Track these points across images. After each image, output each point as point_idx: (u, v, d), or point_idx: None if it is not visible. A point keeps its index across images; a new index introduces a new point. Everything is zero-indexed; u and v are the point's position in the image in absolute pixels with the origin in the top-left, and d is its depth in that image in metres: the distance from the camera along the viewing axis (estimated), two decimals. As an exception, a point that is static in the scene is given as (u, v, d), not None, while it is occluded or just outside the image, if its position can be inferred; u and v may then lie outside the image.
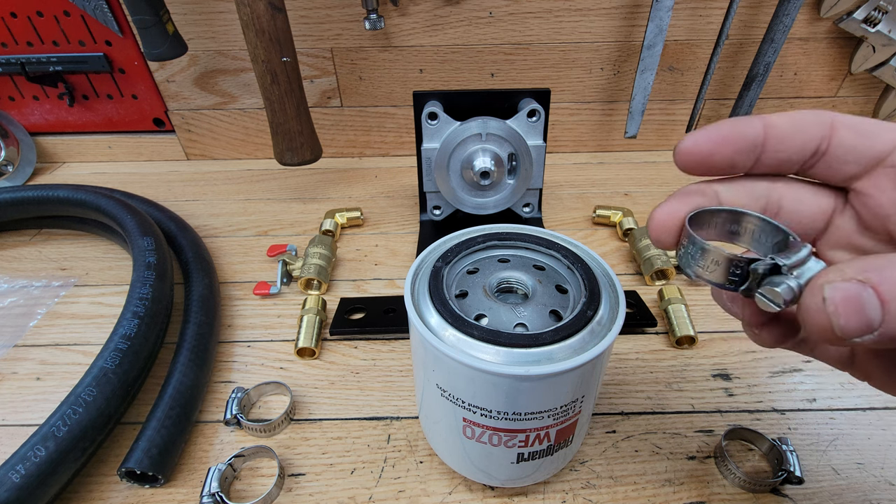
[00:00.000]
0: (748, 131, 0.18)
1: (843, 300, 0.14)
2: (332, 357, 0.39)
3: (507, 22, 0.57)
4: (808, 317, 0.15)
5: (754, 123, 0.18)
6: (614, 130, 0.66)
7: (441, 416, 0.26)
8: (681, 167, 0.19)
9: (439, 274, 0.25)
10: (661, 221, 0.19)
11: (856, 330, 0.14)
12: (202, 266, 0.44)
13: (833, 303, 0.14)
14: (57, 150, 0.69)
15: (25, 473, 0.26)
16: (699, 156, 0.19)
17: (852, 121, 0.18)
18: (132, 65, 0.61)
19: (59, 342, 0.41)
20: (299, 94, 0.51)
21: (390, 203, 0.59)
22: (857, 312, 0.13)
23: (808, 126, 0.18)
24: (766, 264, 0.16)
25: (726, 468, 0.30)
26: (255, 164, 0.68)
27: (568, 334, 0.22)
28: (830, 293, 0.14)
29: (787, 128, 0.18)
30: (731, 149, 0.19)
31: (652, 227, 0.20)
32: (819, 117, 0.18)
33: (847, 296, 0.14)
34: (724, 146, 0.19)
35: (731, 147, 0.19)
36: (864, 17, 0.54)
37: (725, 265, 0.17)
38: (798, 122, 0.18)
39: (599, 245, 0.51)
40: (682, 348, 0.39)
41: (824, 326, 0.14)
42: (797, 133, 0.18)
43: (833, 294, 0.14)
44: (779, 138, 0.18)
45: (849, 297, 0.14)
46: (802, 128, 0.18)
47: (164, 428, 0.31)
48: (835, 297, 0.14)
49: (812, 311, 0.14)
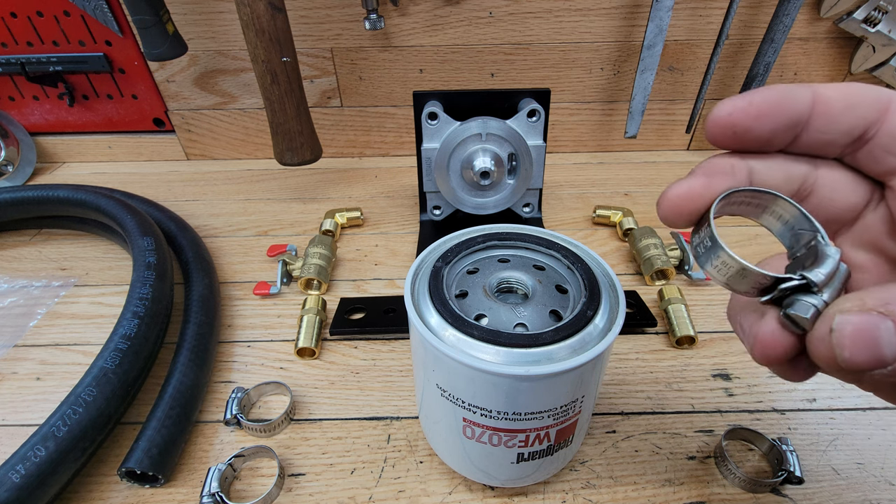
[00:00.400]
0: (795, 104, 0.16)
1: (853, 333, 0.13)
2: (332, 357, 0.39)
3: (507, 22, 0.57)
4: (812, 344, 0.14)
5: (803, 95, 0.16)
6: (614, 130, 0.66)
7: (441, 416, 0.26)
8: (711, 139, 0.17)
9: (439, 274, 0.25)
10: (677, 204, 0.17)
11: (864, 364, 0.13)
12: (202, 266, 0.44)
13: (841, 335, 0.13)
14: (57, 150, 0.69)
15: (25, 473, 0.26)
16: (735, 128, 0.16)
17: None
18: (132, 65, 0.61)
19: (59, 342, 0.41)
20: (299, 94, 0.51)
21: (390, 203, 0.59)
22: (867, 346, 0.13)
23: (863, 105, 0.16)
24: (795, 284, 0.15)
25: (726, 468, 0.30)
26: (255, 164, 0.68)
27: (568, 334, 0.22)
28: (840, 325, 0.13)
29: (838, 104, 0.16)
30: (771, 124, 0.16)
31: (664, 207, 0.17)
32: (877, 95, 0.16)
33: (858, 329, 0.13)
34: (764, 120, 0.16)
35: (771, 122, 0.16)
36: (864, 17, 0.54)
37: (752, 279, 0.16)
38: (852, 97, 0.16)
39: (599, 245, 0.51)
40: (682, 348, 0.39)
41: (826, 356, 0.13)
42: (848, 112, 0.16)
43: (843, 327, 0.13)
44: (827, 116, 0.16)
45: (861, 329, 0.13)
46: (857, 106, 0.16)
47: (164, 428, 0.31)
48: (844, 330, 0.13)
49: (816, 339, 0.14)
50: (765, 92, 0.16)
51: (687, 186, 0.17)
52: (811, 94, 0.16)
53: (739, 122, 0.16)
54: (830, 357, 0.13)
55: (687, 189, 0.17)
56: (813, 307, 0.14)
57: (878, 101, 0.16)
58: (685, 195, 0.17)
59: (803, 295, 0.15)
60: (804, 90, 0.16)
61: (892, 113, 0.15)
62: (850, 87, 0.16)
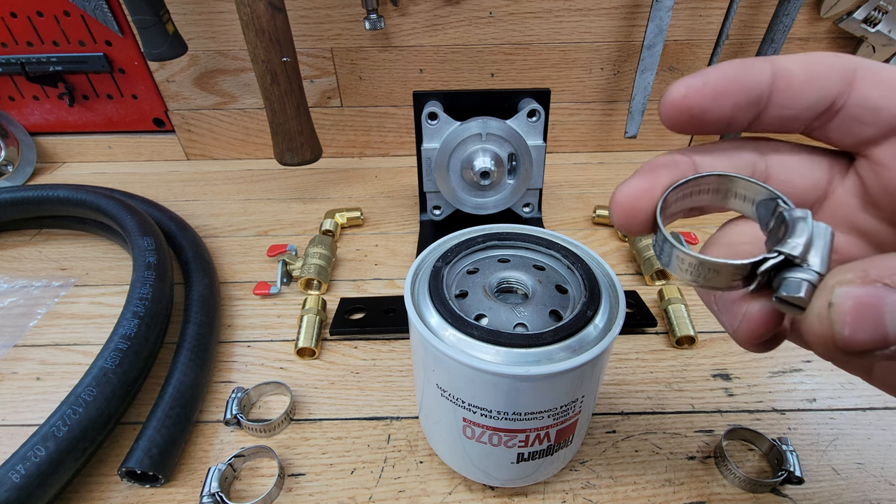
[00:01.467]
0: (754, 80, 0.15)
1: (855, 307, 0.11)
2: (332, 357, 0.39)
3: (507, 22, 0.57)
4: (807, 321, 0.12)
5: (762, 69, 0.15)
6: (614, 130, 0.66)
7: (441, 416, 0.26)
8: (667, 123, 0.16)
9: (439, 274, 0.25)
10: (627, 207, 0.16)
11: (864, 343, 0.11)
12: (202, 266, 0.44)
13: (841, 310, 0.11)
14: (57, 150, 0.69)
15: (25, 473, 0.26)
16: (691, 111, 0.15)
17: (878, 70, 0.14)
18: (132, 65, 0.61)
19: (59, 342, 0.41)
20: (299, 94, 0.51)
21: (390, 203, 0.59)
22: (871, 323, 0.11)
23: (827, 76, 0.14)
24: (774, 263, 0.14)
25: (726, 468, 0.30)
26: (255, 164, 0.68)
27: (568, 334, 0.22)
28: (840, 298, 0.11)
29: (801, 77, 0.15)
30: (730, 103, 0.15)
31: (616, 214, 0.16)
32: (842, 64, 0.14)
33: (862, 302, 0.11)
34: (723, 100, 0.15)
35: (730, 101, 0.15)
36: (864, 18, 0.54)
37: (726, 272, 0.14)
38: (815, 68, 0.15)
39: (599, 245, 0.51)
40: (682, 348, 0.39)
41: (823, 335, 0.12)
42: (812, 84, 0.15)
43: (843, 301, 0.11)
44: (789, 91, 0.15)
45: (864, 303, 0.11)
46: (820, 78, 0.14)
47: (164, 427, 0.31)
48: (844, 304, 0.11)
49: (812, 316, 0.12)
50: (721, 68, 0.15)
51: (633, 187, 0.16)
52: (770, 68, 0.15)
53: (696, 104, 0.15)
54: (828, 336, 0.12)
55: (633, 189, 0.16)
56: (804, 282, 0.13)
57: (843, 69, 0.14)
58: (632, 196, 0.16)
59: (789, 271, 0.13)
60: (763, 63, 0.15)
61: (859, 81, 0.14)
62: (812, 56, 0.15)
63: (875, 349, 0.11)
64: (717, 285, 0.15)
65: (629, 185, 0.16)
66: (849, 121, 0.15)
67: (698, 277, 0.15)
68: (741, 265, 0.14)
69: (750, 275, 0.14)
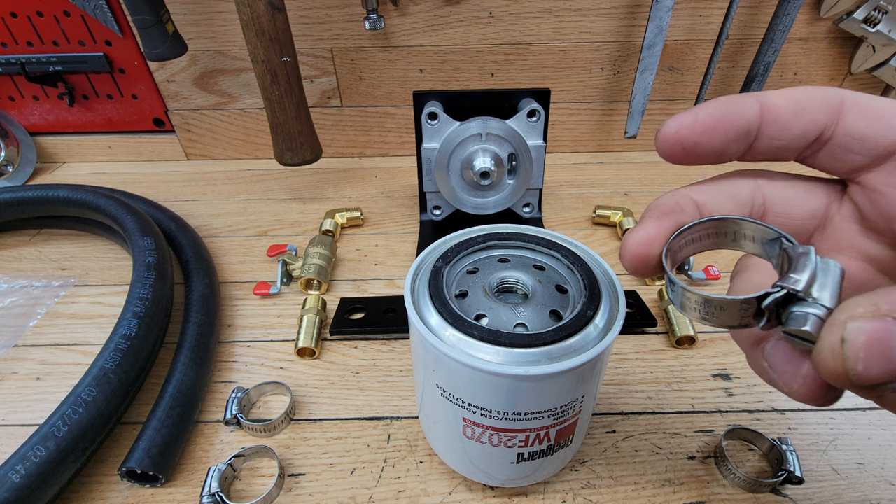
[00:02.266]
0: (742, 116, 0.16)
1: (868, 343, 0.11)
2: (332, 357, 0.39)
3: (507, 22, 0.57)
4: (820, 356, 0.12)
5: (750, 105, 0.16)
6: (614, 130, 0.66)
7: (441, 416, 0.26)
8: (663, 155, 0.17)
9: (439, 274, 0.25)
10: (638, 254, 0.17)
11: (877, 377, 0.11)
12: (202, 266, 0.44)
13: (854, 346, 0.11)
14: (57, 150, 0.69)
15: (25, 473, 0.26)
16: (683, 145, 0.16)
17: (864, 102, 0.15)
18: (132, 65, 0.61)
19: (59, 342, 0.41)
20: (299, 94, 0.51)
21: (390, 203, 0.59)
22: (883, 357, 0.11)
23: (813, 109, 0.15)
24: (776, 298, 0.14)
25: (726, 468, 0.30)
26: (255, 164, 0.68)
27: (568, 334, 0.22)
28: (852, 334, 0.11)
29: (787, 111, 0.16)
30: (720, 138, 0.16)
31: (629, 262, 0.17)
32: (826, 97, 0.15)
33: (874, 338, 0.11)
34: (712, 135, 0.16)
35: (720, 136, 0.16)
36: (864, 17, 0.54)
37: (733, 309, 0.14)
38: (801, 103, 0.16)
39: (599, 245, 0.51)
40: (682, 348, 0.39)
41: (836, 371, 0.12)
42: (799, 117, 0.16)
43: (855, 336, 0.11)
44: (777, 124, 0.16)
45: (876, 338, 0.11)
46: (806, 110, 0.15)
47: (164, 427, 0.31)
48: (857, 340, 0.11)
49: (825, 351, 0.12)
50: (709, 106, 0.16)
51: (643, 234, 0.17)
52: (758, 104, 0.16)
53: (686, 139, 0.16)
54: (841, 371, 0.12)
55: (644, 237, 0.17)
56: (810, 315, 0.13)
57: (828, 103, 0.15)
58: (644, 243, 0.17)
59: (795, 305, 0.13)
60: (750, 100, 0.16)
61: (846, 112, 0.15)
62: (798, 91, 0.16)
63: (887, 383, 0.11)
64: (727, 323, 0.15)
65: (637, 234, 0.17)
66: (838, 150, 0.16)
67: (709, 316, 0.15)
68: (746, 300, 0.14)
69: (758, 311, 0.14)
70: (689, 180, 0.18)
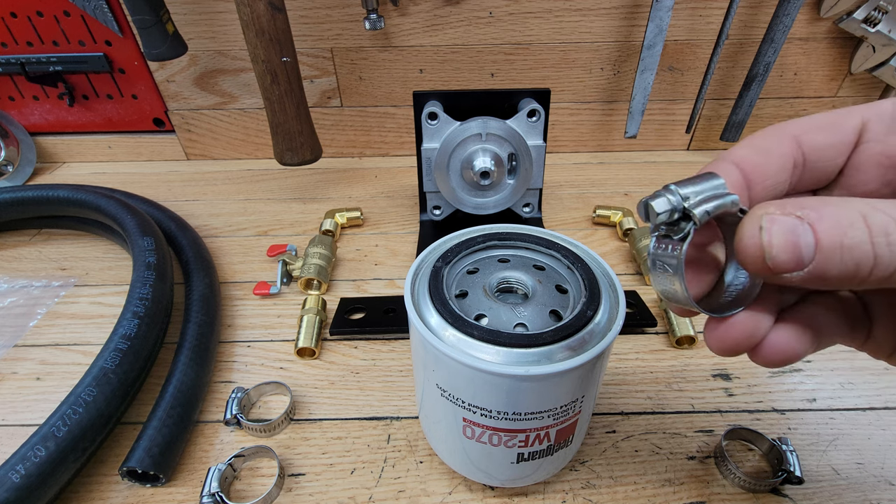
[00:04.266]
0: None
1: (778, 233, 0.14)
2: (332, 357, 0.39)
3: (507, 22, 0.57)
4: (742, 245, 0.15)
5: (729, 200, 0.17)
6: (614, 130, 0.66)
7: (441, 416, 0.26)
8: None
9: (439, 274, 0.25)
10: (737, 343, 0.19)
11: (786, 264, 0.14)
12: (203, 265, 0.44)
13: (769, 233, 0.14)
14: (57, 150, 0.69)
15: (25, 473, 0.26)
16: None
17: (812, 122, 0.18)
18: (132, 65, 0.61)
19: (59, 342, 0.41)
20: (299, 94, 0.51)
21: (390, 203, 0.59)
22: (791, 246, 0.14)
23: (774, 154, 0.18)
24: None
25: (726, 468, 0.30)
26: (255, 164, 0.68)
27: (568, 334, 0.22)
28: (768, 224, 0.14)
29: (758, 167, 0.18)
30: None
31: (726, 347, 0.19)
32: (779, 136, 0.18)
33: (783, 229, 0.14)
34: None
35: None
36: (864, 17, 0.54)
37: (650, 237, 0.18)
38: (763, 155, 0.18)
39: (599, 245, 0.51)
40: (682, 348, 0.39)
41: (757, 255, 0.14)
42: (769, 167, 0.18)
43: (770, 225, 0.14)
44: (758, 179, 0.18)
45: (785, 230, 0.14)
46: (770, 160, 0.18)
47: (165, 427, 0.31)
48: (771, 229, 0.14)
49: (746, 239, 0.15)
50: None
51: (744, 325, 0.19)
52: (737, 172, 0.18)
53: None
54: (758, 256, 0.14)
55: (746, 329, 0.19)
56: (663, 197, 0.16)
57: (782, 142, 0.18)
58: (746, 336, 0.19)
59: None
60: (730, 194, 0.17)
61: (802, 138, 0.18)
62: (757, 142, 0.18)
63: (793, 270, 0.14)
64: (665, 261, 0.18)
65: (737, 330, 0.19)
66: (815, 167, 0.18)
67: (658, 268, 0.19)
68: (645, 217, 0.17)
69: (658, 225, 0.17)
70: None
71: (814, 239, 0.14)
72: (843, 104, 0.63)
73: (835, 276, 0.14)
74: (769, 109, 0.64)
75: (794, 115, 0.64)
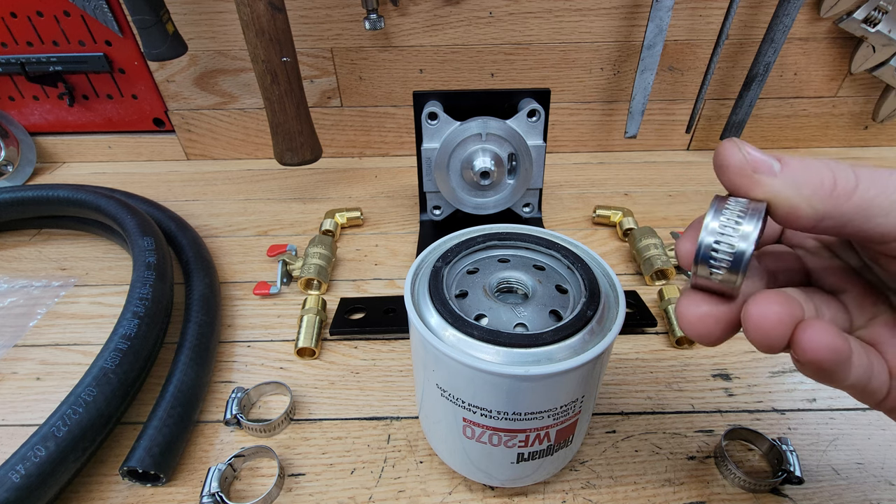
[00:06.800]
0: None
1: (753, 149, 0.17)
2: (332, 357, 0.39)
3: (507, 22, 0.57)
4: (725, 156, 0.17)
5: None
6: (614, 130, 0.66)
7: (441, 416, 0.26)
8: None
9: (439, 274, 0.25)
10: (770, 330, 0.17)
11: (762, 161, 0.16)
12: (203, 265, 0.44)
13: (746, 146, 0.17)
14: (57, 150, 0.69)
15: (25, 473, 0.26)
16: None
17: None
18: (132, 65, 0.61)
19: (59, 342, 0.41)
20: (299, 94, 0.51)
21: (390, 203, 0.59)
22: (762, 156, 0.17)
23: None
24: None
25: (726, 468, 0.30)
26: (255, 164, 0.68)
27: (568, 334, 0.22)
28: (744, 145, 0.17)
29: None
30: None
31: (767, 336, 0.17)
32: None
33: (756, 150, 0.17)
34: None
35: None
36: (864, 17, 0.54)
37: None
38: None
39: (599, 245, 0.51)
40: (682, 348, 0.39)
41: (737, 156, 0.17)
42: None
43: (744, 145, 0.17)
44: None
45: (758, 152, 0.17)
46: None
47: (165, 427, 0.31)
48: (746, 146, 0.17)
49: (725, 150, 0.17)
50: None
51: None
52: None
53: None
54: (738, 156, 0.17)
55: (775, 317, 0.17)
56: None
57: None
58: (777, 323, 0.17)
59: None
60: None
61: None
62: None
63: (766, 170, 0.17)
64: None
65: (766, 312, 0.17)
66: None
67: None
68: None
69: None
70: (689, 180, 0.19)
71: (780, 164, 0.16)
72: (842, 104, 0.63)
73: (806, 183, 0.16)
74: (769, 109, 0.64)
75: (794, 115, 0.65)
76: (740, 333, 0.18)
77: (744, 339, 0.39)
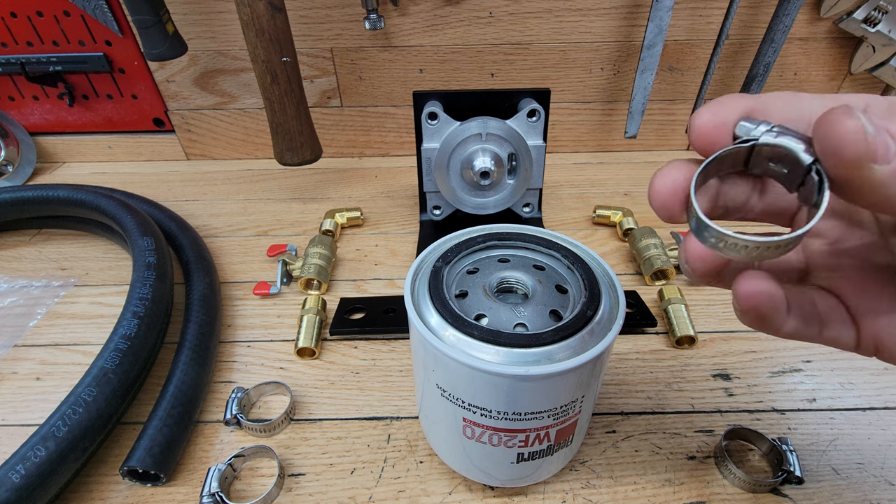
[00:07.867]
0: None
1: (871, 123, 0.14)
2: (332, 357, 0.39)
3: (507, 22, 0.57)
4: (838, 127, 0.14)
5: None
6: (614, 130, 0.66)
7: (441, 416, 0.26)
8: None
9: (439, 274, 0.25)
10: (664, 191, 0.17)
11: (885, 146, 0.13)
12: (203, 265, 0.44)
13: (866, 121, 0.14)
14: (57, 150, 0.69)
15: (25, 473, 0.26)
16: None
17: None
18: (132, 65, 0.61)
19: (59, 342, 0.41)
20: (299, 94, 0.51)
21: (390, 203, 0.59)
22: (886, 138, 0.13)
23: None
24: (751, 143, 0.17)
25: (726, 468, 0.30)
26: (255, 164, 0.68)
27: (568, 334, 0.22)
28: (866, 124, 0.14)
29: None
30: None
31: (660, 197, 0.18)
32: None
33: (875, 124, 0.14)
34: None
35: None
36: (864, 17, 0.54)
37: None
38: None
39: (599, 245, 0.51)
40: (682, 348, 0.39)
41: (858, 135, 0.13)
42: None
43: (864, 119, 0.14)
44: None
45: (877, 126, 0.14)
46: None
47: (166, 426, 0.31)
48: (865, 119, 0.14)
49: (850, 134, 0.13)
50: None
51: (668, 178, 0.18)
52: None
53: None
54: (860, 135, 0.13)
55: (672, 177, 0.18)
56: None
57: None
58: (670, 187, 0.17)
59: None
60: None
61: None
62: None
63: (886, 160, 0.13)
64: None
65: (669, 174, 0.18)
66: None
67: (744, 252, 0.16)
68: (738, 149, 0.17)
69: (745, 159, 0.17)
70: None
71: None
72: (843, 104, 0.63)
73: None
74: (769, 109, 0.64)
75: (794, 115, 0.65)
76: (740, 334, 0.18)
77: (744, 340, 0.39)
